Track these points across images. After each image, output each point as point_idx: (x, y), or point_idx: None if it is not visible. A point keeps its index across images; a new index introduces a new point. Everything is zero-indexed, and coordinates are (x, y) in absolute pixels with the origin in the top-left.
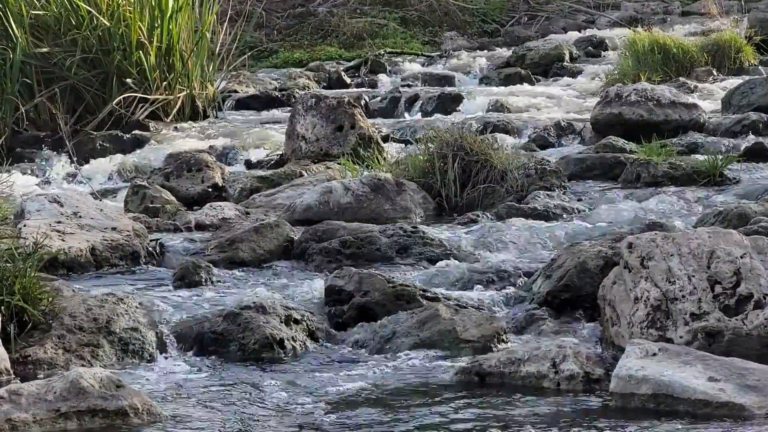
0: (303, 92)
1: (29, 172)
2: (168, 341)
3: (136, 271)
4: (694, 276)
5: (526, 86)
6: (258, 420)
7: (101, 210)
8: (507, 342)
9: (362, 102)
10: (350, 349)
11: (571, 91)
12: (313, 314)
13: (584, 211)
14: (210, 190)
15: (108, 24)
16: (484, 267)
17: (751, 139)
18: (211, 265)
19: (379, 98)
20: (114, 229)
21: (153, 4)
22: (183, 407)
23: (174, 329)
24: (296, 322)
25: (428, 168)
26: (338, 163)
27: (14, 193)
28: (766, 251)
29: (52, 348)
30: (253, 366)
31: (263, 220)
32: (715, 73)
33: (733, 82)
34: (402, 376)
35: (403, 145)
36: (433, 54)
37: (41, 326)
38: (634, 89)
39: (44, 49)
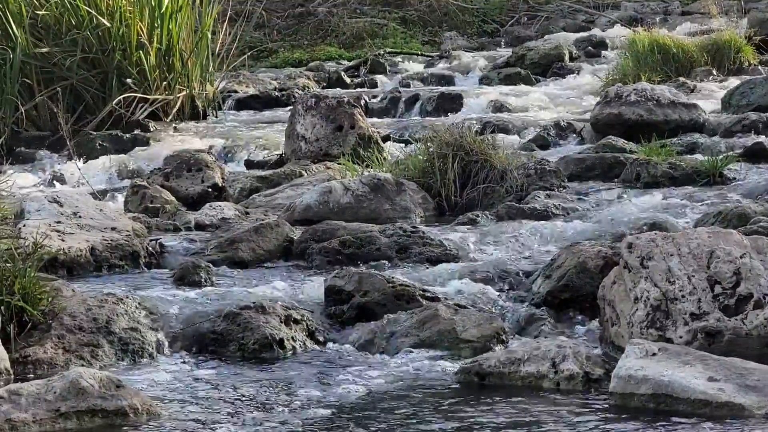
0: (303, 92)
1: (29, 172)
2: (168, 341)
3: (136, 271)
4: (693, 276)
5: (526, 86)
6: (258, 420)
7: (101, 210)
8: (507, 342)
9: (362, 102)
10: (350, 349)
11: (571, 91)
12: (313, 314)
13: (584, 211)
14: (210, 190)
15: (108, 24)
16: (484, 267)
17: (751, 139)
18: (211, 265)
19: (379, 98)
20: (114, 229)
21: (153, 4)
22: (183, 407)
23: (174, 329)
24: (296, 322)
25: (428, 168)
26: (338, 163)
27: (14, 193)
28: (766, 251)
29: (51, 348)
30: (253, 366)
31: (263, 220)
32: (715, 73)
33: (733, 82)
34: (402, 376)
35: (403, 145)
36: (433, 54)
37: (41, 326)
38: (634, 89)
39: (44, 49)
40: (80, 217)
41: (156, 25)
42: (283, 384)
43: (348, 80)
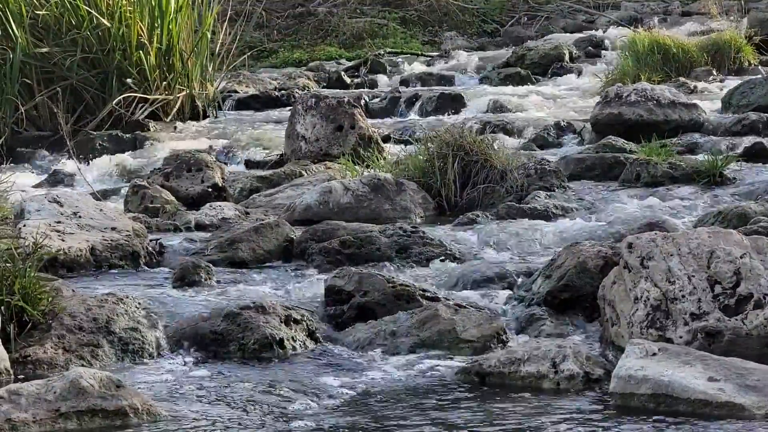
0: (303, 92)
1: (29, 172)
2: (168, 341)
3: (136, 271)
4: (694, 276)
5: (526, 86)
6: (257, 420)
7: (101, 210)
8: (507, 342)
9: (362, 102)
10: (350, 349)
11: (571, 91)
12: (313, 314)
13: (584, 211)
14: (210, 190)
15: (108, 24)
16: (484, 267)
17: (751, 139)
18: (211, 265)
19: (379, 98)
20: (114, 229)
21: (153, 4)
22: (183, 407)
23: (174, 329)
24: (296, 322)
25: (428, 168)
26: (338, 163)
27: (14, 193)
28: (766, 251)
29: (51, 348)
30: (253, 366)
31: (263, 220)
32: (715, 73)
33: (733, 82)
34: (401, 376)
35: (403, 145)
36: (433, 54)
37: (41, 326)
38: (634, 89)
39: (44, 49)
40: (80, 217)
41: (156, 25)
42: (283, 384)
43: (348, 80)
